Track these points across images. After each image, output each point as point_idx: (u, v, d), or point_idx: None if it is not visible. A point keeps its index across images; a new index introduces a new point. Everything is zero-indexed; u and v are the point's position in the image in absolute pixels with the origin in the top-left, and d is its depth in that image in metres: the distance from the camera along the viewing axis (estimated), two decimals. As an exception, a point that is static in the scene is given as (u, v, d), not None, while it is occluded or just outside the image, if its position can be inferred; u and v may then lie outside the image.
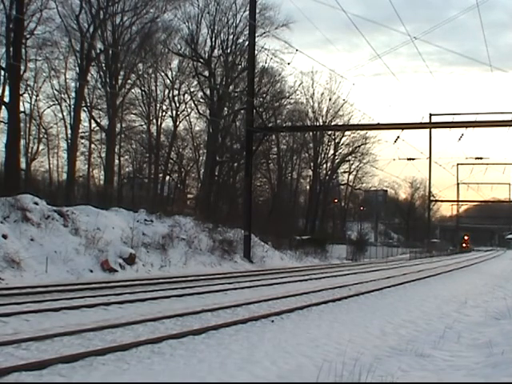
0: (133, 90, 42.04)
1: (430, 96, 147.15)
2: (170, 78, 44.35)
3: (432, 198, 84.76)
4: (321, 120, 56.74)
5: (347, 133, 59.04)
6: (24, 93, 35.46)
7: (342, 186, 69.91)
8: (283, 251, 36.71)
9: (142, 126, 44.74)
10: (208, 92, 44.60)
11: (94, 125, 39.99)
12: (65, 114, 38.94)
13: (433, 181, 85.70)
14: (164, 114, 44.11)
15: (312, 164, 58.94)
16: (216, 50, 44.23)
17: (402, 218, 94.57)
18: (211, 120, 42.80)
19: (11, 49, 29.04)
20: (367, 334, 9.72)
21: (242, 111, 42.76)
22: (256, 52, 37.30)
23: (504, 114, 46.57)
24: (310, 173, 60.28)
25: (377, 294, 16.85)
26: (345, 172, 67.34)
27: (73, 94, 38.35)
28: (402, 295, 16.55)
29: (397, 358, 7.84)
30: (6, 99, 30.57)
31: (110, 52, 37.89)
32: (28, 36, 32.57)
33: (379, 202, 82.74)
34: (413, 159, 45.30)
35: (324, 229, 60.88)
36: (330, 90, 56.94)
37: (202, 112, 46.44)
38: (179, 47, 43.88)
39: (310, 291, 16.45)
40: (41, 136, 40.02)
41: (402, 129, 32.87)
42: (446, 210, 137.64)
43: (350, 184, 69.32)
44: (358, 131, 57.14)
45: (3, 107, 31.60)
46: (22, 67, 31.15)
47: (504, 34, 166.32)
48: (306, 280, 21.44)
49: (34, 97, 38.24)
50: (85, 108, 38.84)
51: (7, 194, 21.66)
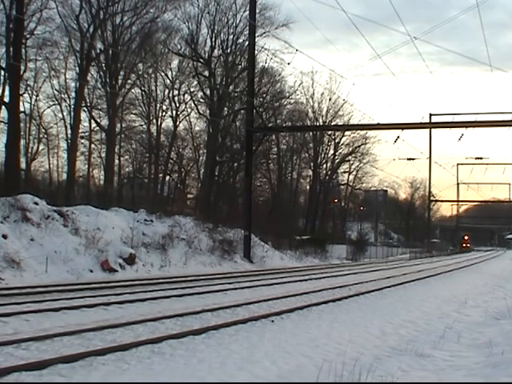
0: (133, 90, 42.13)
1: (430, 96, 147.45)
2: (170, 77, 44.45)
3: (432, 198, 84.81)
4: (321, 120, 56.79)
5: (347, 133, 59.10)
6: (24, 93, 35.49)
7: (342, 186, 69.90)
8: (283, 251, 36.71)
9: (142, 126, 44.82)
10: (208, 92, 44.61)
11: (93, 125, 40.08)
12: (65, 113, 39.04)
13: (433, 181, 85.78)
14: (164, 114, 44.20)
15: (312, 164, 58.94)
16: (216, 50, 44.31)
17: (402, 218, 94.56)
18: (211, 120, 42.80)
19: (11, 49, 29.05)
20: (367, 334, 9.72)
21: (242, 111, 42.76)
22: (256, 52, 37.33)
23: (504, 114, 46.61)
24: (310, 173, 60.32)
25: (377, 293, 16.85)
26: (345, 172, 67.44)
27: (73, 94, 38.43)
28: (402, 295, 16.55)
29: (397, 358, 7.84)
30: (6, 99, 30.59)
31: (110, 52, 37.89)
32: (28, 36, 32.57)
33: (379, 202, 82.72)
34: (413, 159, 45.35)
35: (324, 229, 60.87)
36: (330, 90, 57.03)
37: (202, 112, 46.53)
38: (179, 47, 43.97)
39: (310, 291, 16.45)
40: (41, 136, 40.06)
41: (402, 129, 32.88)
42: (446, 210, 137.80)
43: (350, 184, 69.32)
44: (358, 131, 57.19)
45: (3, 107, 31.60)
46: (22, 67, 31.15)
47: (504, 34, 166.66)
48: (305, 280, 21.44)
49: (34, 97, 38.33)
50: (85, 108, 38.87)
51: (7, 194, 21.66)
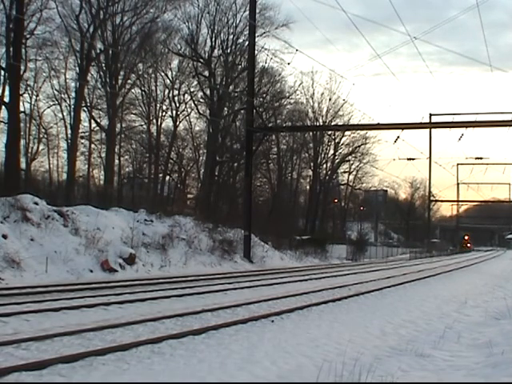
0: (133, 90, 42.13)
1: (430, 96, 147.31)
2: (170, 77, 44.44)
3: (432, 198, 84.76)
4: (321, 120, 56.77)
5: (347, 133, 59.08)
6: (24, 93, 35.49)
7: (342, 186, 69.88)
8: (283, 251, 36.71)
9: (142, 126, 44.81)
10: (208, 92, 44.61)
11: (93, 125, 40.08)
12: (65, 113, 39.04)
13: (433, 181, 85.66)
14: (164, 114, 44.20)
15: (312, 164, 58.93)
16: (216, 50, 44.30)
17: (402, 217, 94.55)
18: (211, 120, 42.80)
19: (11, 49, 29.06)
20: (367, 334, 9.72)
21: (242, 111, 42.76)
22: (256, 52, 37.33)
23: (504, 114, 46.56)
24: (310, 173, 60.31)
25: (377, 293, 16.85)
26: (345, 172, 67.43)
27: (73, 94, 38.43)
28: (401, 295, 16.55)
29: (397, 358, 7.84)
30: (6, 99, 30.60)
31: (110, 52, 37.89)
32: (28, 36, 32.57)
33: (379, 202, 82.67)
34: (413, 159, 45.37)
35: (324, 229, 60.87)
36: (330, 90, 57.01)
37: (202, 112, 46.52)
38: (179, 47, 43.96)
39: (310, 291, 16.45)
40: (41, 136, 40.07)
41: (402, 129, 32.88)
42: (446, 210, 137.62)
43: (350, 184, 69.32)
44: (358, 131, 57.17)
45: (3, 107, 31.60)
46: (22, 67, 31.15)
47: (504, 34, 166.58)
48: (305, 280, 21.44)
49: (34, 97, 38.33)
50: (85, 108, 38.87)
51: (7, 194, 21.66)
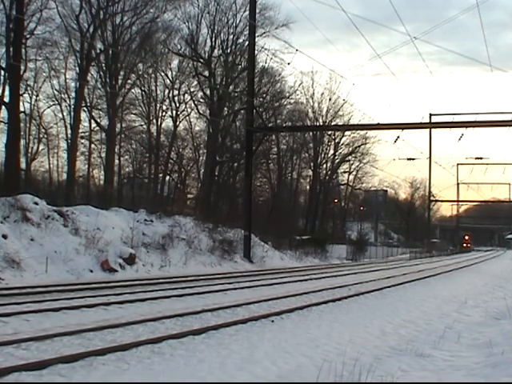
0: (133, 90, 42.15)
1: (429, 96, 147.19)
2: (170, 77, 44.45)
3: (432, 198, 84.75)
4: (321, 120, 56.78)
5: (347, 133, 59.09)
6: (24, 93, 35.51)
7: (342, 186, 69.90)
8: (283, 251, 36.71)
9: (142, 126, 44.83)
10: (208, 92, 44.62)
11: (93, 125, 40.10)
12: (65, 113, 39.07)
13: (433, 181, 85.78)
14: (164, 114, 44.22)
15: (312, 164, 58.94)
16: (216, 50, 44.32)
17: (402, 217, 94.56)
18: (211, 120, 42.80)
19: (11, 49, 29.06)
20: (367, 334, 9.72)
21: (242, 111, 42.76)
22: (256, 52, 37.33)
23: (504, 114, 46.57)
24: (310, 173, 60.31)
25: (377, 293, 16.84)
26: (345, 172, 67.44)
27: (73, 94, 38.45)
28: (401, 295, 16.55)
29: (397, 358, 7.84)
30: (6, 99, 30.61)
31: (110, 52, 37.90)
32: (28, 36, 32.57)
33: (379, 202, 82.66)
34: (413, 159, 45.37)
35: (324, 229, 60.86)
36: (330, 90, 57.03)
37: (202, 112, 46.53)
38: (179, 47, 43.97)
39: (310, 291, 16.45)
40: (41, 136, 40.09)
41: (402, 129, 32.88)
42: (446, 210, 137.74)
43: (350, 184, 69.34)
44: (358, 131, 57.18)
45: (3, 107, 31.61)
46: (22, 67, 31.16)
47: (504, 34, 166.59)
48: (306, 280, 21.44)
49: (34, 97, 38.36)
50: (85, 108, 38.89)
51: (7, 194, 21.66)
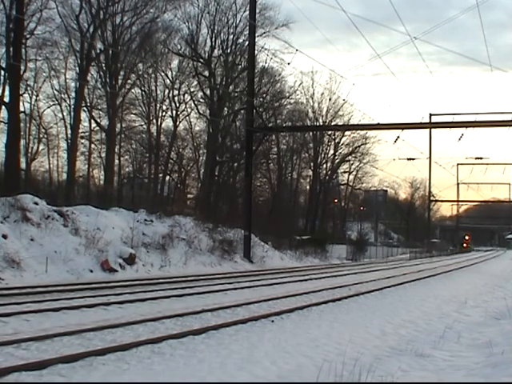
0: (133, 90, 42.15)
1: (429, 96, 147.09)
2: (170, 77, 44.45)
3: (432, 198, 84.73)
4: (321, 120, 56.78)
5: (347, 133, 59.09)
6: (24, 93, 35.51)
7: (342, 186, 69.90)
8: (283, 251, 36.71)
9: (142, 126, 44.83)
10: (208, 92, 44.62)
11: (93, 125, 40.11)
12: (65, 113, 39.07)
13: (433, 181, 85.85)
14: (164, 114, 44.22)
15: (312, 164, 58.94)
16: (216, 50, 44.32)
17: (402, 217, 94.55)
18: (211, 120, 42.81)
19: (11, 49, 29.06)
20: (367, 334, 9.72)
21: (242, 111, 42.76)
22: (256, 52, 37.32)
23: (504, 114, 46.59)
24: (310, 173, 60.32)
25: (377, 293, 16.84)
26: (345, 172, 67.45)
27: (73, 94, 38.46)
28: (401, 295, 16.55)
29: (397, 358, 7.83)
30: (6, 99, 30.60)
31: (110, 52, 37.90)
32: (28, 36, 32.58)
33: (379, 202, 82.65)
34: (413, 159, 45.40)
35: (324, 229, 60.86)
36: (330, 90, 57.02)
37: (202, 112, 46.53)
38: (179, 47, 43.98)
39: (310, 291, 16.45)
40: (41, 136, 40.09)
41: (402, 129, 32.88)
42: (446, 210, 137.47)
43: (350, 184, 69.34)
44: (358, 131, 57.17)
45: (3, 107, 31.61)
46: (22, 67, 31.16)
47: (504, 33, 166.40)
48: (306, 280, 21.44)
49: (34, 97, 38.36)
50: (85, 108, 38.89)
51: (7, 194, 21.66)
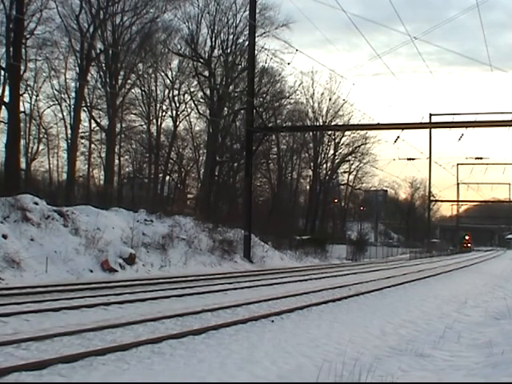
0: (133, 90, 42.14)
1: (429, 96, 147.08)
2: (170, 77, 44.44)
3: (432, 198, 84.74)
4: (321, 120, 56.77)
5: (347, 133, 59.08)
6: (24, 93, 35.49)
7: (342, 186, 69.90)
8: (283, 251, 36.71)
9: (142, 126, 44.80)
10: (208, 92, 44.61)
11: (93, 125, 40.09)
12: (65, 113, 39.05)
13: (433, 181, 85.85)
14: (164, 114, 44.20)
15: (312, 164, 58.94)
16: (216, 50, 44.31)
17: (402, 217, 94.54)
18: (211, 120, 42.80)
19: (11, 49, 29.06)
20: (367, 334, 9.72)
21: (242, 111, 42.76)
22: (256, 52, 37.32)
23: (504, 114, 46.54)
24: (310, 173, 60.32)
25: (377, 293, 16.84)
26: (345, 172, 67.44)
27: (73, 94, 38.45)
28: (402, 295, 16.55)
29: (397, 358, 7.83)
30: (6, 99, 30.60)
31: (110, 52, 37.90)
32: (28, 36, 32.57)
33: (379, 202, 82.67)
34: (413, 159, 45.43)
35: (324, 229, 60.86)
36: (330, 90, 57.02)
37: (202, 112, 46.52)
38: (179, 47, 43.97)
39: (310, 291, 16.45)
40: (41, 136, 40.08)
41: (402, 129, 32.89)
42: (446, 210, 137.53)
43: (350, 184, 69.34)
44: (358, 131, 57.17)
45: (3, 107, 31.60)
46: (22, 67, 31.15)
47: (504, 33, 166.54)
48: (305, 280, 21.44)
49: (34, 97, 38.33)
50: (85, 108, 38.88)
51: (7, 194, 21.65)
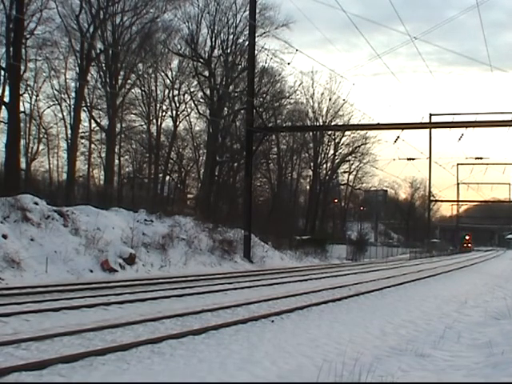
0: (133, 90, 42.16)
1: (429, 96, 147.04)
2: (170, 77, 44.47)
3: (432, 198, 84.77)
4: (321, 120, 56.77)
5: (347, 133, 59.07)
6: (24, 93, 35.52)
7: (342, 186, 69.92)
8: (283, 251, 36.70)
9: (142, 126, 44.84)
10: (208, 92, 44.62)
11: (93, 125, 40.13)
12: (65, 113, 39.10)
13: (433, 181, 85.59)
14: (164, 114, 44.23)
15: (312, 164, 58.94)
16: (216, 50, 44.32)
17: (402, 217, 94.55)
18: (211, 120, 42.81)
19: (11, 49, 29.07)
20: (367, 334, 9.72)
21: (242, 111, 42.76)
22: (256, 52, 37.32)
23: (504, 114, 46.44)
24: (310, 173, 60.32)
25: (377, 293, 16.85)
26: (345, 172, 67.44)
27: (73, 94, 38.48)
28: (402, 295, 16.55)
29: (397, 358, 7.83)
30: (6, 99, 30.61)
31: (110, 52, 37.92)
32: (28, 36, 32.60)
33: (379, 202, 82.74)
34: (413, 159, 45.47)
35: (324, 229, 60.85)
36: (330, 90, 57.01)
37: (202, 112, 46.54)
38: (179, 47, 43.99)
39: (310, 291, 16.45)
40: (41, 136, 40.11)
41: (402, 129, 32.89)
42: (446, 210, 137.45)
43: (350, 184, 69.34)
44: (358, 131, 57.16)
45: (3, 107, 31.62)
46: (22, 67, 31.17)
47: (503, 33, 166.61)
48: (305, 280, 21.44)
49: (34, 97, 38.38)
50: (85, 108, 38.91)
51: (7, 194, 21.64)
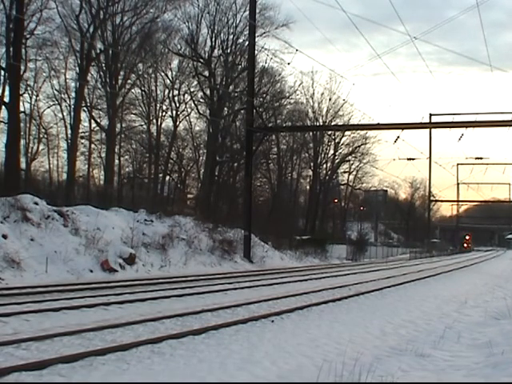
0: (133, 90, 42.17)
1: (429, 96, 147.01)
2: (170, 77, 44.47)
3: (432, 198, 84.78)
4: (321, 120, 56.77)
5: (347, 133, 59.06)
6: (24, 93, 35.53)
7: (342, 186, 69.92)
8: (283, 251, 36.70)
9: (142, 126, 44.84)
10: (208, 92, 44.63)
11: (93, 125, 40.13)
12: (65, 113, 39.10)
13: (433, 181, 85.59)
14: (164, 114, 44.24)
15: (312, 164, 58.94)
16: (216, 50, 44.33)
17: (402, 217, 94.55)
18: (211, 120, 42.81)
19: (11, 49, 29.08)
20: (367, 334, 9.72)
21: (242, 111, 42.76)
22: (256, 52, 37.33)
23: (504, 114, 46.43)
24: (310, 173, 60.32)
25: (377, 293, 16.85)
26: (345, 172, 67.45)
27: (73, 94, 38.49)
28: (402, 295, 16.55)
29: (397, 358, 7.83)
30: (6, 99, 30.61)
31: (110, 52, 37.92)
32: (28, 36, 32.60)
33: (379, 202, 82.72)
34: (413, 159, 45.46)
35: (324, 229, 60.86)
36: (330, 90, 57.01)
37: (202, 112, 46.54)
38: (179, 47, 43.99)
39: (310, 291, 16.45)
40: (41, 136, 40.11)
41: (402, 129, 32.89)
42: (446, 210, 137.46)
43: (350, 184, 69.35)
44: (358, 131, 57.16)
45: (3, 107, 31.62)
46: (22, 67, 31.17)
47: (503, 33, 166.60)
48: (305, 280, 21.45)
49: (34, 97, 38.38)
50: (85, 108, 38.91)
51: (7, 194, 21.64)
